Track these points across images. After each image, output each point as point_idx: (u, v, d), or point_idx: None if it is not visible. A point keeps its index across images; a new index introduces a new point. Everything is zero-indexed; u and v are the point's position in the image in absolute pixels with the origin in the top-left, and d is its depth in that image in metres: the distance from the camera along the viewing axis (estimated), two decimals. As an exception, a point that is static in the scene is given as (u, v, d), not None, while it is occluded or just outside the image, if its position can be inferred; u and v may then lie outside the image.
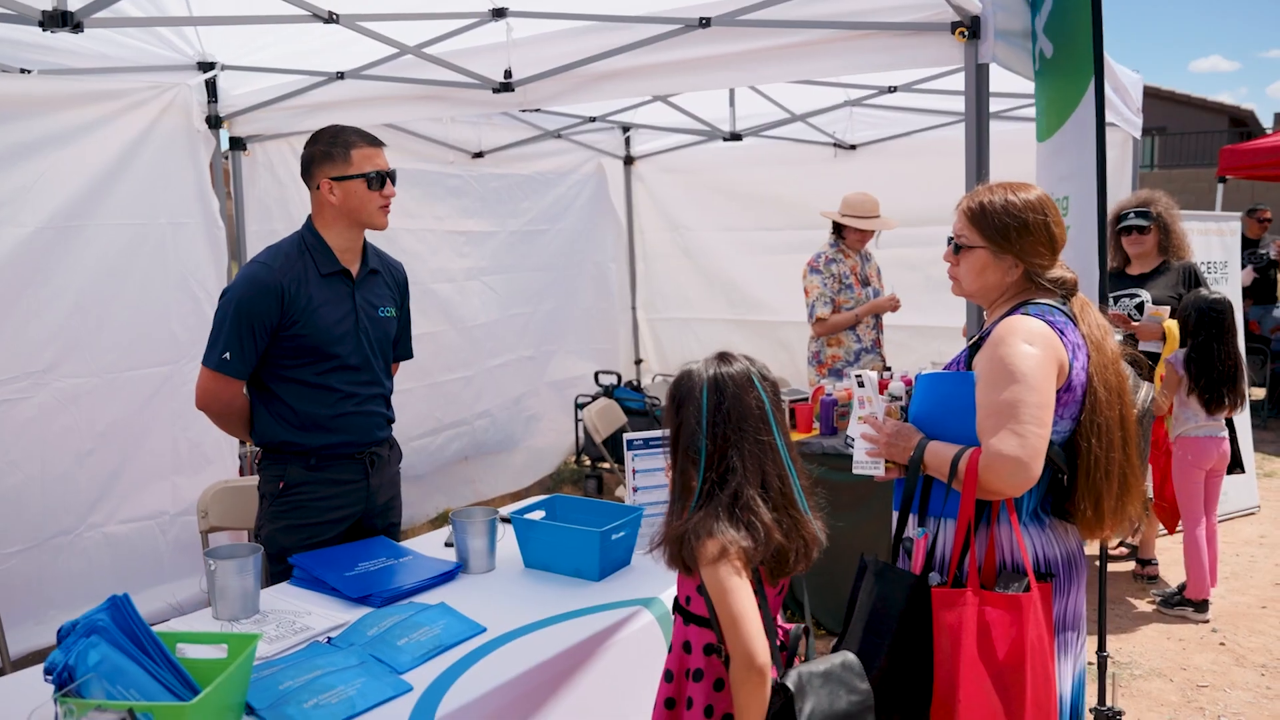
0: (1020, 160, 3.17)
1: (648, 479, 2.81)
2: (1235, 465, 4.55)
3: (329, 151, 2.70)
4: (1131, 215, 4.71)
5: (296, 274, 2.67)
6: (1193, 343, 4.29)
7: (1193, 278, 4.67)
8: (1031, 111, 4.11)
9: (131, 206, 4.03)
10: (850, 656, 1.88)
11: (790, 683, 1.75)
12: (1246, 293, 7.87)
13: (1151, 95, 23.97)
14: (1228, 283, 5.99)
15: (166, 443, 4.20)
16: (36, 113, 3.72)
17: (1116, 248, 4.79)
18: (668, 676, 1.99)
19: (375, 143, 2.76)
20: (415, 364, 5.54)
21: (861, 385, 2.38)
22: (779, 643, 1.91)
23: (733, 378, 1.90)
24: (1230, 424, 4.50)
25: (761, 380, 1.92)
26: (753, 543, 1.79)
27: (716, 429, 1.86)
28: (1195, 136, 24.07)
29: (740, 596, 1.75)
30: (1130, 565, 5.02)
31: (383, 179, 2.72)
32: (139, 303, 4.06)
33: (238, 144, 4.60)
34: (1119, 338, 2.32)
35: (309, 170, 2.74)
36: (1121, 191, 5.89)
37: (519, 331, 6.48)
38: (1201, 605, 4.37)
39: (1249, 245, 8.27)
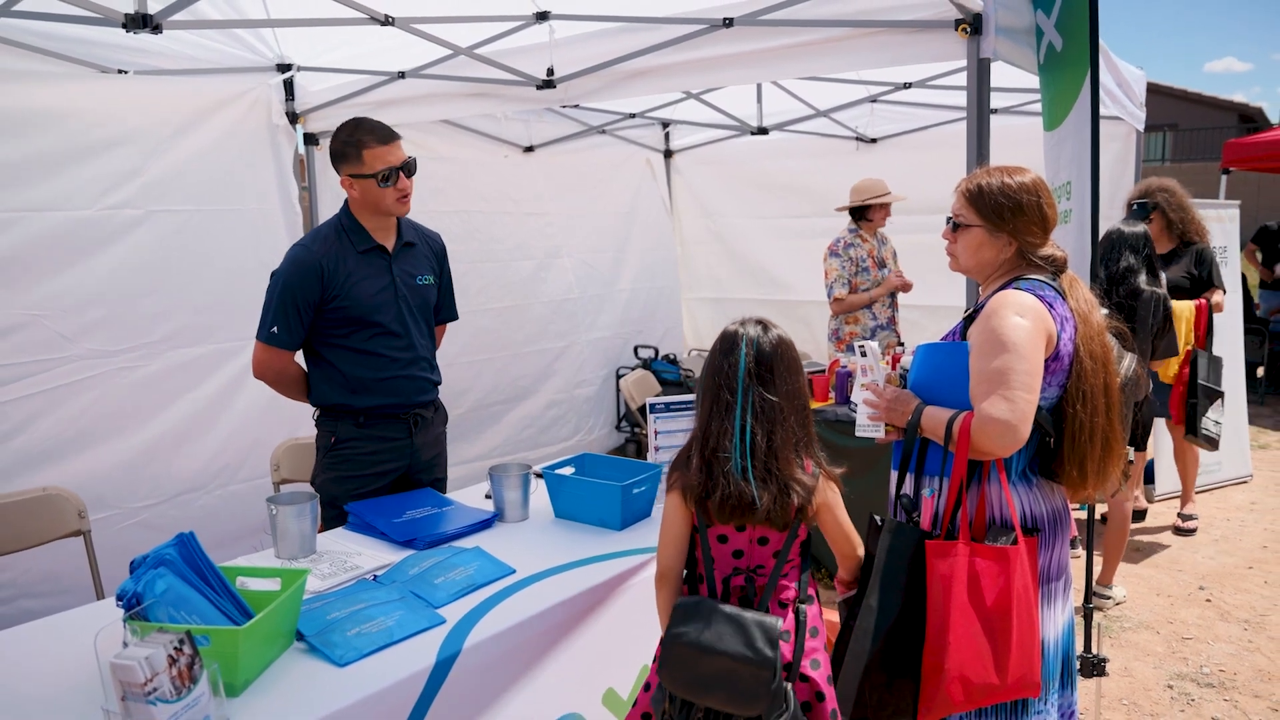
0: (1025, 154, 3.05)
1: (668, 439, 2.80)
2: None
3: (344, 151, 2.65)
4: (1134, 206, 4.58)
5: (334, 253, 2.66)
6: None
7: (1200, 259, 4.52)
8: (1038, 107, 3.98)
9: (225, 193, 4.08)
10: (773, 623, 1.76)
11: (681, 601, 1.80)
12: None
13: (1164, 94, 23.24)
14: (1228, 266, 5.80)
15: (267, 409, 4.16)
16: (137, 109, 3.79)
17: None
18: None
19: (386, 139, 2.64)
20: (499, 335, 5.42)
21: (864, 355, 2.33)
22: (725, 576, 1.90)
23: (774, 342, 1.94)
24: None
25: (756, 346, 1.91)
26: (704, 481, 1.84)
27: (709, 381, 1.93)
28: (1205, 132, 23.19)
29: (666, 517, 1.93)
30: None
31: (393, 175, 2.63)
32: (231, 279, 4.10)
33: (311, 139, 4.64)
34: (1105, 311, 2.25)
35: (334, 164, 2.70)
36: (1125, 180, 5.72)
37: (600, 309, 6.45)
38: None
39: None
